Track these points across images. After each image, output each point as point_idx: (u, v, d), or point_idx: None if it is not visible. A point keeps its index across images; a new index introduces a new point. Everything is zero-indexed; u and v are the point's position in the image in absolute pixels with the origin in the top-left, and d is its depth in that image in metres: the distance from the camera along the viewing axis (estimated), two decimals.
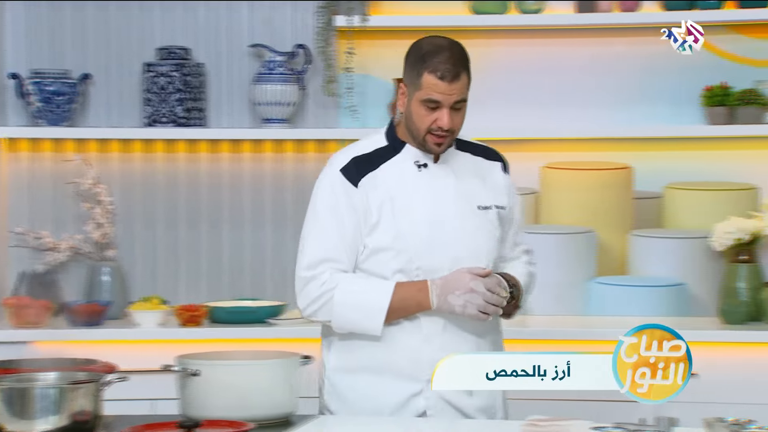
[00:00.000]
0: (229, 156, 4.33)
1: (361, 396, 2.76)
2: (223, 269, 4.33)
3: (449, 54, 2.69)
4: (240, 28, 4.33)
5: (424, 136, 2.72)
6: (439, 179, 2.77)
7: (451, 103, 2.69)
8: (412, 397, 2.73)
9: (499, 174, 2.85)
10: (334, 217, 2.74)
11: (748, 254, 4.04)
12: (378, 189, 2.74)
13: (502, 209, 2.82)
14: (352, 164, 2.77)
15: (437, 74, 2.67)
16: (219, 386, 2.53)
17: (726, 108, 4.12)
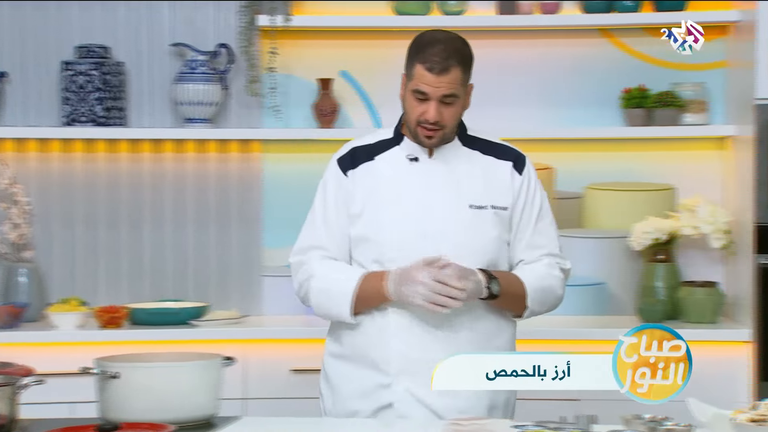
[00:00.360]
0: (150, 156, 4.29)
1: (340, 380, 2.80)
2: (144, 270, 4.28)
3: (443, 47, 2.70)
4: (161, 26, 4.29)
5: (416, 128, 2.73)
6: (429, 174, 2.76)
7: (438, 96, 2.69)
8: (380, 388, 2.74)
9: (507, 174, 2.79)
10: (322, 205, 2.81)
11: (666, 254, 4.11)
12: (366, 179, 2.76)
13: (503, 210, 2.77)
14: (349, 154, 2.81)
15: (426, 66, 2.68)
16: (138, 389, 2.50)
17: (644, 110, 4.19)
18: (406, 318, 2.72)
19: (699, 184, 4.24)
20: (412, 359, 2.72)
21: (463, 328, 2.74)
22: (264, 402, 3.87)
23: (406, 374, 2.72)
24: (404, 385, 2.72)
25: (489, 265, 2.75)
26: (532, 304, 2.77)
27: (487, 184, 2.77)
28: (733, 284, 4.12)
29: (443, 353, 2.69)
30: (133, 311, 3.98)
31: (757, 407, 2.25)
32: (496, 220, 2.76)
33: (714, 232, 4.03)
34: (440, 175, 2.76)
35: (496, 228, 2.76)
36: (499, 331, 2.80)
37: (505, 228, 2.78)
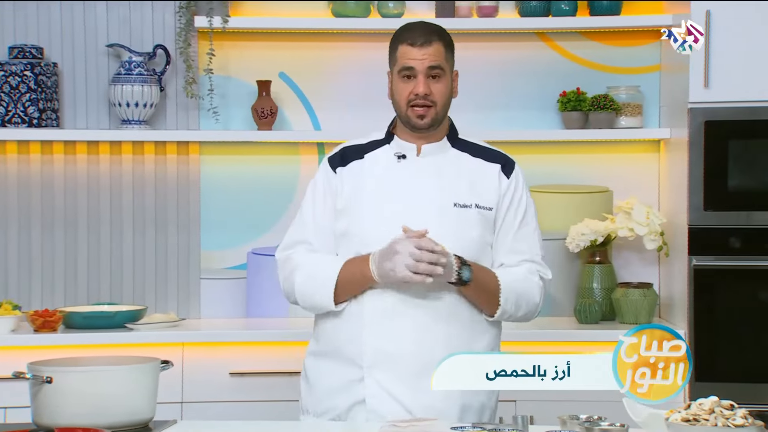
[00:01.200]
0: (85, 158, 4.24)
1: (318, 377, 2.81)
2: (79, 273, 4.23)
3: (421, 24, 2.80)
4: (97, 27, 4.24)
5: (407, 112, 2.76)
6: (416, 172, 2.77)
7: (424, 69, 2.73)
8: (354, 383, 2.74)
9: (494, 176, 2.81)
10: (310, 201, 2.83)
11: (602, 255, 4.16)
12: (354, 176, 2.78)
13: (487, 210, 2.77)
14: (340, 153, 2.85)
15: (408, 41, 2.75)
16: (72, 393, 2.47)
17: (580, 113, 4.23)
18: (381, 312, 2.72)
19: (634, 186, 4.29)
20: (386, 353, 2.71)
21: (440, 322, 2.72)
22: (202, 405, 3.84)
23: (378, 368, 2.72)
24: (376, 379, 2.72)
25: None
26: (505, 303, 2.75)
27: (473, 183, 2.78)
28: (667, 285, 4.17)
29: (417, 348, 2.71)
30: (68, 315, 3.93)
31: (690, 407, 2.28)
32: (480, 219, 2.76)
33: (649, 233, 4.08)
34: (426, 173, 2.77)
35: (480, 227, 2.76)
36: (476, 332, 2.78)
37: (489, 229, 2.78)
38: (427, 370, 2.65)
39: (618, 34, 4.31)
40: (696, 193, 3.87)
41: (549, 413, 2.75)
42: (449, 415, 2.71)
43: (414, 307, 2.71)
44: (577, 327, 4.02)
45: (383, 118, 4.29)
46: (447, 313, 2.73)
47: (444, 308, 2.73)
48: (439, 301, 2.72)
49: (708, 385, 3.74)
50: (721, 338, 3.85)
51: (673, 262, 4.08)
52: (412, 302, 2.71)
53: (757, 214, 3.86)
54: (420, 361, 2.70)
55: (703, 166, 3.86)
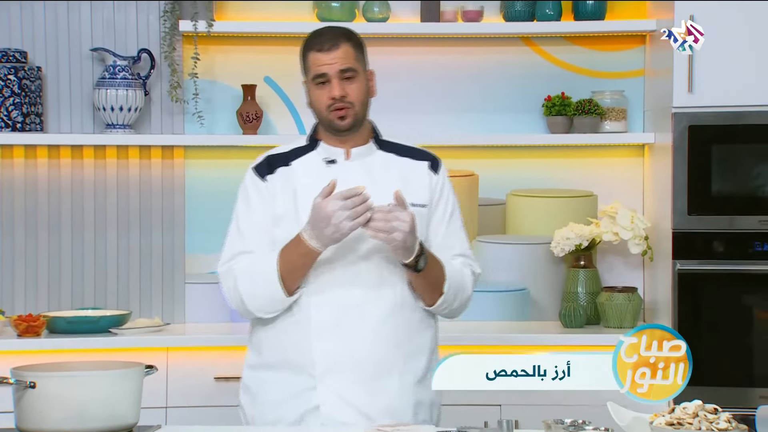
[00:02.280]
0: (70, 162, 4.23)
1: (262, 389, 2.79)
2: (63, 277, 4.22)
3: (327, 29, 2.82)
4: (81, 30, 4.23)
5: (327, 116, 2.76)
6: (347, 175, 2.76)
7: (336, 72, 2.74)
8: (305, 391, 2.72)
9: (423, 173, 2.84)
10: (245, 211, 2.81)
11: (587, 260, 4.17)
12: (284, 183, 2.78)
13: (421, 207, 2.79)
14: (265, 162, 2.84)
15: (316, 48, 2.76)
16: (56, 398, 2.45)
17: (565, 117, 4.24)
18: (327, 317, 2.72)
19: (619, 190, 4.30)
20: (337, 359, 2.71)
21: (387, 322, 2.74)
22: (187, 410, 3.83)
23: (331, 374, 2.72)
24: (330, 385, 2.71)
25: None
26: (448, 292, 2.77)
27: (405, 182, 2.79)
28: (652, 289, 4.18)
29: (367, 350, 2.72)
30: (52, 319, 3.91)
31: (674, 411, 2.29)
32: (416, 217, 2.76)
33: (633, 238, 4.09)
34: (358, 175, 2.77)
35: (417, 225, 2.76)
36: (422, 328, 2.81)
37: (424, 226, 2.80)
38: (380, 371, 2.71)
39: (602, 39, 4.32)
40: (680, 198, 3.88)
41: (534, 418, 2.75)
42: (405, 414, 2.73)
43: (360, 309, 2.71)
44: (562, 331, 4.03)
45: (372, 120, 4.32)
46: (393, 311, 2.74)
47: (389, 307, 2.74)
48: (384, 301, 2.73)
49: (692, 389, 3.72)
50: (705, 342, 3.86)
51: (657, 266, 4.10)
52: (357, 304, 2.72)
53: (740, 219, 3.87)
54: (372, 363, 2.71)
55: (687, 170, 3.88)
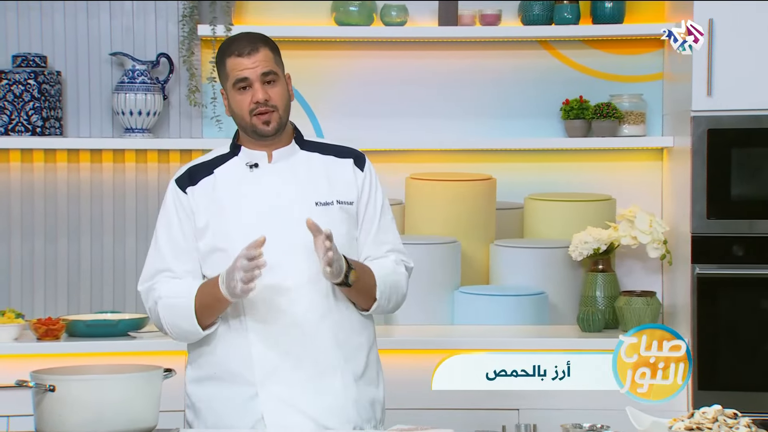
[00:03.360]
0: (89, 166, 4.24)
1: (207, 405, 2.76)
2: (82, 281, 4.23)
3: (242, 36, 2.78)
4: (100, 35, 4.25)
5: (251, 121, 2.74)
6: (271, 178, 2.76)
7: (258, 76, 2.72)
8: (248, 401, 2.71)
9: (348, 170, 2.82)
10: (165, 228, 2.78)
11: (605, 264, 4.15)
12: (207, 193, 2.75)
13: (348, 205, 2.79)
14: (186, 174, 2.80)
15: (235, 53, 2.73)
16: (75, 402, 2.47)
17: (583, 121, 4.23)
18: (263, 323, 2.70)
19: (637, 194, 4.29)
20: (275, 363, 2.70)
21: (324, 322, 2.72)
22: None
23: (271, 380, 2.70)
24: (271, 391, 2.70)
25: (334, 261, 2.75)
26: (381, 297, 2.77)
27: (331, 181, 2.79)
28: (671, 294, 4.17)
29: (306, 352, 2.70)
30: (71, 323, 3.93)
31: (693, 416, 2.28)
32: (344, 216, 2.78)
33: (652, 242, 4.07)
34: (283, 177, 2.76)
35: (345, 224, 2.78)
36: (360, 327, 2.80)
37: (353, 224, 2.80)
38: (321, 371, 2.70)
39: (621, 42, 4.31)
40: (699, 202, 3.87)
41: (552, 422, 2.74)
42: (348, 412, 2.72)
43: (296, 311, 2.70)
44: (580, 335, 4.01)
45: (384, 126, 4.34)
46: (329, 311, 2.73)
47: (325, 307, 2.73)
48: (319, 301, 2.72)
49: (711, 394, 3.73)
50: (725, 346, 3.84)
51: (676, 270, 4.08)
52: (293, 306, 2.70)
53: (760, 222, 3.85)
54: (312, 364, 2.70)
55: (706, 174, 3.86)
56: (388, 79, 4.35)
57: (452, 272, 4.18)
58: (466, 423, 2.90)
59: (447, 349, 3.74)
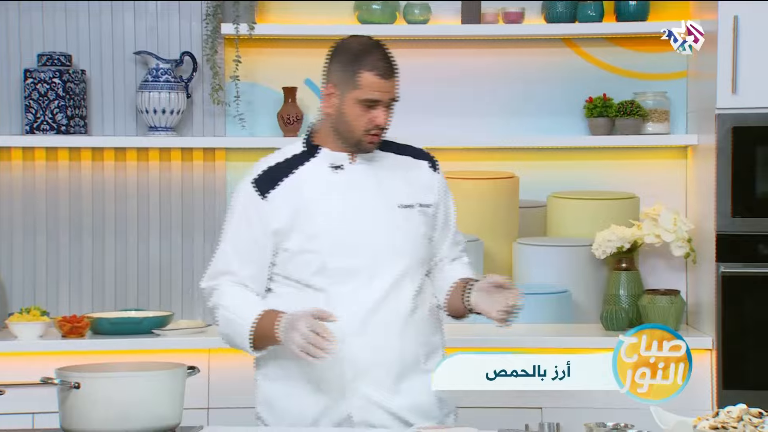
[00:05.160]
0: (113, 164, 4.27)
1: (288, 404, 2.76)
2: (107, 279, 4.25)
3: (384, 52, 2.71)
4: (124, 34, 4.27)
5: (361, 136, 2.71)
6: (354, 180, 2.75)
7: (387, 101, 2.70)
8: (336, 401, 2.71)
9: (426, 172, 2.83)
10: (234, 230, 2.77)
11: (629, 262, 4.14)
12: (290, 195, 2.72)
13: (428, 207, 2.80)
14: (265, 174, 2.76)
15: (377, 72, 2.67)
16: (100, 399, 2.48)
17: (607, 119, 4.21)
18: (352, 323, 2.69)
19: (661, 192, 4.27)
20: (365, 365, 2.70)
21: (408, 325, 2.74)
22: (228, 411, 3.85)
23: (360, 380, 2.71)
24: (359, 391, 2.70)
25: (420, 262, 2.78)
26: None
27: (410, 183, 2.79)
28: (695, 292, 4.15)
29: (392, 353, 2.71)
30: (96, 321, 3.95)
31: (718, 415, 2.27)
32: (423, 218, 2.78)
33: (676, 240, 4.06)
34: (366, 179, 2.76)
35: (423, 226, 2.79)
36: (436, 327, 2.85)
37: (430, 225, 2.81)
38: (405, 371, 2.72)
39: (645, 40, 4.29)
40: (724, 200, 3.85)
41: (575, 420, 2.74)
42: (431, 410, 2.74)
43: (382, 312, 2.71)
44: (604, 334, 4.00)
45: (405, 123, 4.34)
46: (413, 311, 2.75)
47: (410, 307, 2.75)
48: (403, 302, 2.73)
49: (736, 393, 3.71)
50: (749, 345, 3.82)
51: (700, 269, 4.06)
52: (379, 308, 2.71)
53: None
54: (398, 364, 2.72)
55: (731, 172, 3.84)
56: (411, 77, 4.33)
57: (475, 270, 4.16)
58: (488, 421, 2.89)
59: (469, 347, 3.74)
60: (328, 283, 2.70)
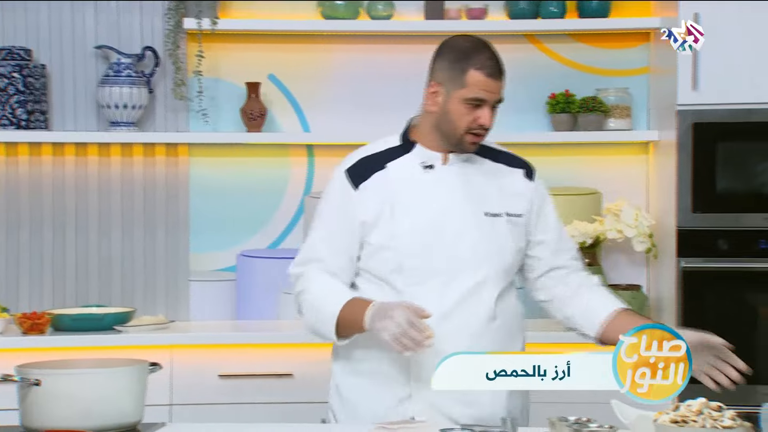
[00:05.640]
0: (74, 159, 4.23)
1: (357, 398, 2.73)
2: (68, 275, 4.22)
3: (492, 51, 2.67)
4: (85, 29, 4.23)
5: (463, 136, 2.67)
6: (444, 181, 2.71)
7: (493, 101, 2.65)
8: (401, 402, 2.68)
9: (519, 181, 2.76)
10: (327, 219, 2.74)
11: (591, 257, 4.16)
12: (380, 189, 2.69)
13: (517, 217, 2.73)
14: (359, 165, 2.74)
15: (485, 71, 2.63)
16: (60, 396, 2.46)
17: (569, 115, 4.23)
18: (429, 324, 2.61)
19: (623, 188, 4.30)
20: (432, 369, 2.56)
21: (485, 334, 2.68)
22: (191, 408, 3.84)
23: (426, 385, 2.58)
24: (424, 395, 2.65)
25: (504, 271, 2.72)
26: None
27: (502, 191, 2.74)
28: (656, 287, 4.18)
29: None
30: (57, 317, 3.92)
31: (678, 408, 2.29)
32: (511, 228, 2.73)
33: (638, 235, 4.09)
34: (456, 182, 2.71)
35: (511, 236, 2.73)
36: (514, 337, 2.77)
37: (520, 236, 2.75)
38: None
39: (606, 36, 4.32)
40: (684, 195, 3.88)
41: (538, 414, 2.75)
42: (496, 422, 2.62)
43: (458, 318, 2.66)
44: (564, 330, 4.01)
45: (372, 120, 4.34)
46: (492, 319, 2.70)
47: (488, 315, 2.69)
48: (482, 310, 2.68)
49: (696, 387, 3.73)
50: None
51: (661, 263, 4.09)
52: (455, 314, 2.66)
53: (745, 216, 3.87)
54: None
55: (692, 168, 3.88)
56: (375, 73, 4.35)
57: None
58: None
59: None
60: (404, 282, 2.66)
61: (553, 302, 2.84)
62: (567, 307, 2.83)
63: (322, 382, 3.87)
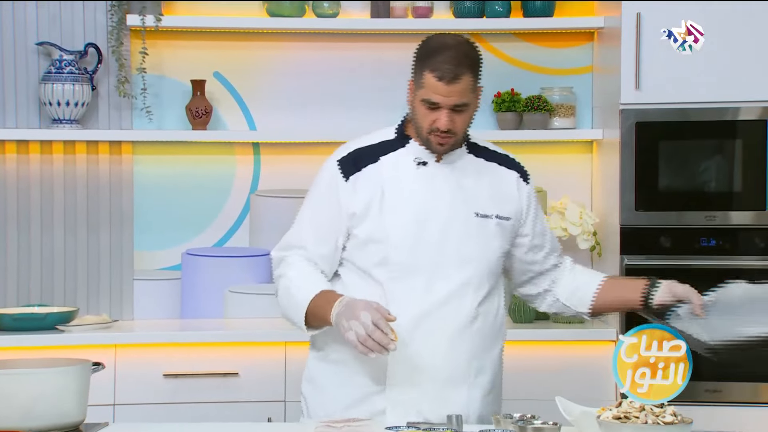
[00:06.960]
0: (15, 157, 4.17)
1: (329, 383, 2.73)
2: (9, 274, 4.17)
3: (453, 54, 2.60)
4: (26, 24, 4.18)
5: (427, 136, 2.66)
6: (436, 179, 2.70)
7: (449, 105, 2.61)
8: (373, 395, 2.67)
9: (512, 183, 2.76)
10: (314, 207, 2.74)
11: None
12: (370, 182, 2.68)
13: (506, 220, 2.73)
14: (351, 156, 2.72)
15: (436, 74, 2.59)
16: (2, 396, 2.42)
17: (515, 113, 4.26)
18: (405, 325, 2.61)
19: (568, 186, 4.33)
20: (411, 368, 2.65)
21: (466, 335, 2.68)
22: (135, 408, 3.81)
23: (402, 381, 2.66)
24: (400, 390, 2.66)
25: (489, 273, 2.72)
26: None
27: (494, 193, 2.74)
28: None
29: (443, 361, 2.65)
30: None
31: (621, 405, 2.31)
32: (499, 230, 2.73)
33: (582, 233, 4.12)
34: (448, 181, 2.70)
35: (499, 238, 2.73)
36: (493, 342, 2.76)
37: (507, 239, 2.75)
38: (450, 383, 2.66)
39: (551, 36, 4.35)
40: (628, 194, 3.92)
41: None
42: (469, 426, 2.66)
43: (438, 319, 2.66)
44: (511, 326, 4.05)
45: (318, 117, 4.33)
46: (473, 319, 2.69)
47: (471, 316, 2.69)
48: (465, 311, 2.68)
49: None
50: None
51: (605, 261, 4.13)
52: (438, 314, 2.66)
53: (687, 214, 3.91)
54: (446, 374, 2.66)
55: (635, 166, 3.91)
56: (321, 71, 4.34)
57: None
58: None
59: None
60: (387, 276, 2.66)
61: (540, 296, 2.88)
62: (557, 297, 2.87)
63: (268, 381, 3.88)
